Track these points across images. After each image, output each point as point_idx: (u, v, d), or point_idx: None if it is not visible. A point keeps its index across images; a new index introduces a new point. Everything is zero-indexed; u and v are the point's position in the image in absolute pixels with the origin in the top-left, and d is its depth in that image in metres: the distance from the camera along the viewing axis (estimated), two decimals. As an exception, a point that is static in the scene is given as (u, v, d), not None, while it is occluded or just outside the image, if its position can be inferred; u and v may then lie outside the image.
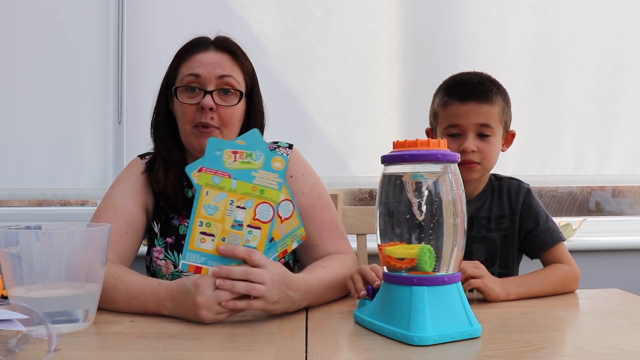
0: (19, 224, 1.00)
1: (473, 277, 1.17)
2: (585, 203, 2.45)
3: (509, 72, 2.13)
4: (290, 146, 1.41)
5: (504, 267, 1.40)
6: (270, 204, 0.97)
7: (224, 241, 0.99)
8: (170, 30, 2.06)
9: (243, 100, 1.32)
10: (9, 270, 0.93)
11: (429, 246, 0.93)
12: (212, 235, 0.99)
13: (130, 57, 2.08)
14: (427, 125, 1.49)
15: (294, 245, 1.07)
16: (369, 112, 2.14)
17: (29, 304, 0.85)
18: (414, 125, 2.12)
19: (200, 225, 0.98)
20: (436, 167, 0.95)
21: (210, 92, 1.26)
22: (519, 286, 1.22)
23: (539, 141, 2.17)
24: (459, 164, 1.34)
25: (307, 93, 2.13)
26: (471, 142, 1.34)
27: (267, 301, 1.00)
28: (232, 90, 1.29)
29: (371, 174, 2.13)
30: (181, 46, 1.34)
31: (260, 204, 0.98)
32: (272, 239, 1.02)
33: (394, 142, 0.97)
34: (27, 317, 0.84)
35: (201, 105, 1.26)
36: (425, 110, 1.49)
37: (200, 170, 0.97)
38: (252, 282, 0.98)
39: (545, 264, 1.36)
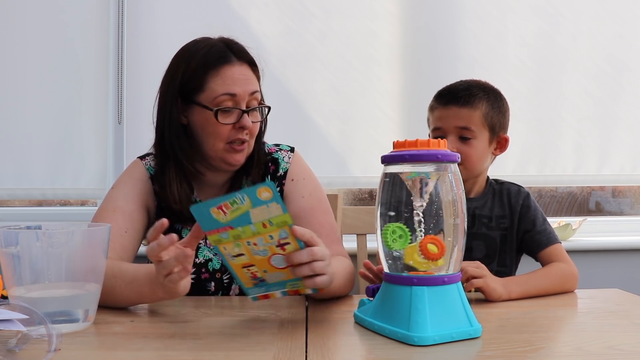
0: (19, 224, 0.99)
1: (474, 277, 1.17)
2: (585, 203, 2.45)
3: (509, 72, 2.13)
4: (292, 149, 1.42)
5: (501, 265, 1.42)
6: (285, 228, 0.92)
7: (265, 272, 0.97)
8: (170, 30, 2.06)
9: None
10: (9, 270, 0.93)
11: (396, 224, 0.94)
12: (252, 265, 0.96)
13: (130, 57, 2.08)
14: (426, 125, 1.51)
15: (308, 291, 1.02)
16: (369, 112, 2.14)
17: (29, 304, 0.85)
18: (414, 125, 2.12)
19: (239, 263, 0.96)
20: (436, 167, 0.95)
21: (247, 112, 1.26)
22: (520, 284, 1.23)
23: (539, 141, 2.17)
24: None
25: (307, 93, 2.13)
26: (450, 144, 1.37)
27: (329, 272, 0.97)
28: (259, 106, 1.31)
29: (371, 174, 2.13)
30: (194, 52, 1.28)
31: (271, 233, 0.92)
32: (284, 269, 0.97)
33: (394, 142, 0.97)
34: (27, 317, 0.84)
35: (241, 126, 1.25)
36: (425, 109, 1.49)
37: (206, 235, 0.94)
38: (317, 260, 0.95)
39: (544, 264, 1.38)
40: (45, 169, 2.08)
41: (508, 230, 1.42)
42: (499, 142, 1.44)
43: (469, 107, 1.39)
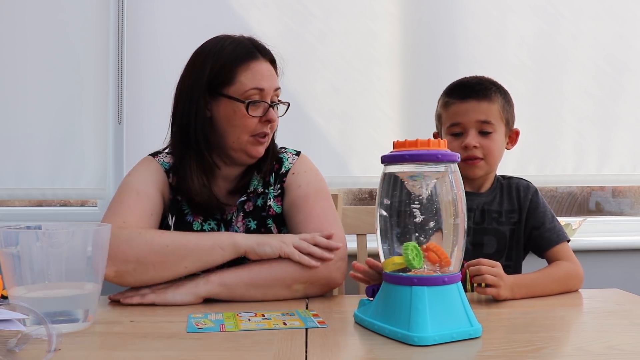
0: (19, 224, 1.00)
1: (489, 285, 1.17)
2: (585, 203, 2.45)
3: (509, 72, 2.12)
4: (298, 153, 1.43)
5: (508, 260, 1.43)
6: None
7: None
8: (170, 30, 2.06)
9: None
10: (9, 270, 0.93)
11: (412, 243, 0.93)
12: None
13: (130, 57, 2.08)
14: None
15: None
16: (369, 112, 2.14)
17: (29, 304, 0.85)
18: (414, 125, 2.12)
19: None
20: (436, 167, 0.95)
21: (272, 106, 1.31)
22: (527, 286, 1.23)
23: (539, 141, 2.16)
24: (462, 161, 1.38)
25: (307, 93, 2.13)
26: (472, 138, 1.38)
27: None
28: (281, 102, 1.35)
29: (371, 174, 2.13)
30: (221, 47, 1.30)
31: None
32: None
33: (394, 142, 0.97)
34: (27, 317, 0.84)
35: (268, 119, 1.30)
36: (425, 109, 1.50)
37: None
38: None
39: (550, 262, 1.38)
40: (45, 169, 2.07)
41: (517, 225, 1.43)
42: (510, 136, 1.46)
43: (488, 101, 1.39)
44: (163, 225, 1.35)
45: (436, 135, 1.51)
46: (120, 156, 2.09)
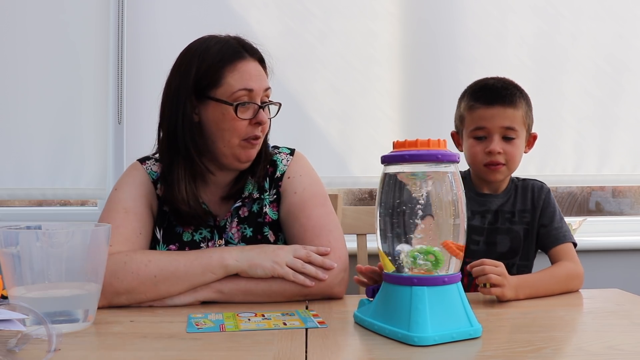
0: (19, 224, 1.00)
1: (493, 284, 1.17)
2: (585, 203, 2.45)
3: (509, 72, 2.09)
4: (292, 152, 1.39)
5: (524, 259, 1.45)
6: None
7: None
8: (170, 30, 2.06)
9: None
10: (9, 270, 0.93)
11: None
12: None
13: (130, 57, 2.08)
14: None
15: None
16: (369, 112, 2.14)
17: (29, 304, 0.85)
18: (414, 125, 2.12)
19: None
20: (436, 167, 0.95)
21: (262, 107, 1.26)
22: (530, 287, 1.24)
23: (539, 141, 2.14)
24: (484, 166, 1.40)
25: (307, 93, 2.13)
26: (497, 144, 1.40)
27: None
28: (272, 103, 1.30)
29: (371, 174, 2.13)
30: (206, 48, 1.26)
31: None
32: None
33: (394, 142, 0.97)
34: (27, 317, 0.84)
35: (257, 121, 1.24)
36: (425, 109, 1.50)
37: None
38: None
39: (553, 261, 1.40)
40: (45, 169, 2.08)
41: (530, 224, 1.45)
42: (528, 140, 1.49)
43: (513, 107, 1.41)
44: (154, 238, 1.31)
45: (454, 135, 1.52)
46: (120, 156, 2.09)
